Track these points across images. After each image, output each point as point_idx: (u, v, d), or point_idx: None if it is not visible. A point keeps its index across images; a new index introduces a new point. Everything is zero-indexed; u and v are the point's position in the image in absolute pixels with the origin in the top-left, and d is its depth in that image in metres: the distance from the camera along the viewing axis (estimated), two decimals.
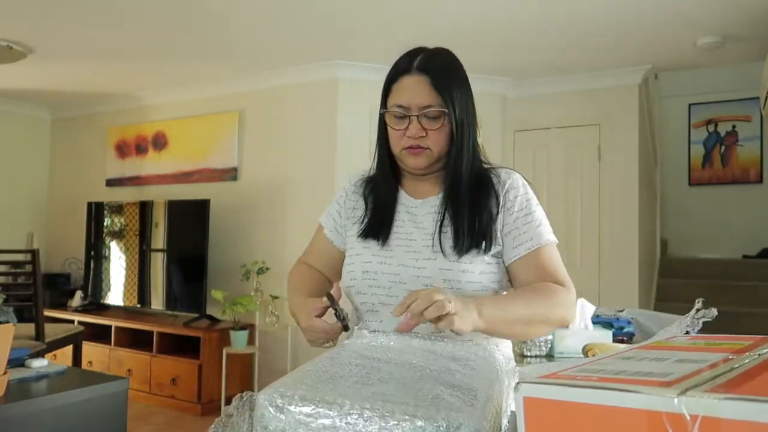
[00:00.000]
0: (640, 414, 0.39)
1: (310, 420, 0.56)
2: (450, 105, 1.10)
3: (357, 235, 1.20)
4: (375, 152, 1.24)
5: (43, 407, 1.49)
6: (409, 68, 1.13)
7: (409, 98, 1.12)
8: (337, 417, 0.56)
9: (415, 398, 0.57)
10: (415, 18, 3.29)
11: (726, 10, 3.12)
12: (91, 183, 5.52)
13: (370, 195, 1.25)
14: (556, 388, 0.43)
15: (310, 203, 4.22)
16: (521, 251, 1.12)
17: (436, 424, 0.53)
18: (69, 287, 5.30)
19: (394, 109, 1.13)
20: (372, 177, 1.27)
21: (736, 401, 0.36)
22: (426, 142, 1.12)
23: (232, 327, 4.02)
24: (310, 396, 0.58)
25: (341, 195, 1.31)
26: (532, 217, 1.14)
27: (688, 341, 0.61)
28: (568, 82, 4.32)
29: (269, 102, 4.52)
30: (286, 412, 0.57)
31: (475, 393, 0.63)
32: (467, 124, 1.14)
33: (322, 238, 1.32)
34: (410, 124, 1.12)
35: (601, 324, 2.12)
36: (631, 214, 4.14)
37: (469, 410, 0.57)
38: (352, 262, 1.19)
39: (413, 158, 1.14)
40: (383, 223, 1.18)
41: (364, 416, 0.55)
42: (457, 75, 1.15)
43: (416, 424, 0.54)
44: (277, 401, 0.58)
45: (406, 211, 1.20)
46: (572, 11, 3.17)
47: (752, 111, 5.93)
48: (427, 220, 1.16)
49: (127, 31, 3.62)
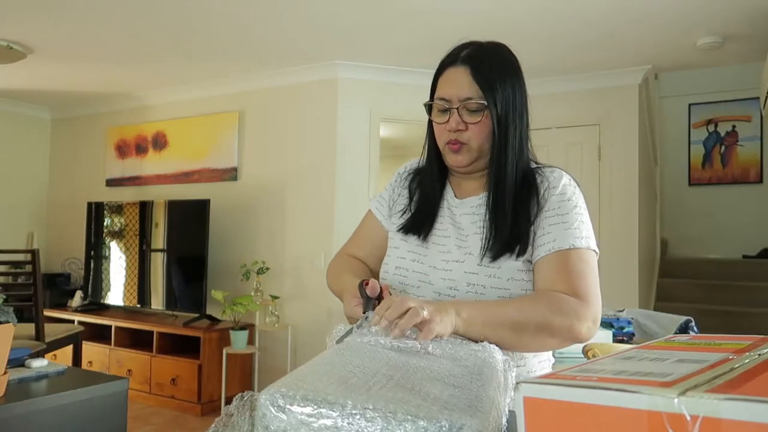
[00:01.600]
0: (640, 414, 0.39)
1: (311, 420, 0.56)
2: (491, 98, 1.05)
3: (397, 228, 1.18)
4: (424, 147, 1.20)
5: (43, 407, 1.49)
6: (454, 60, 1.09)
7: (450, 90, 1.08)
8: (339, 417, 0.56)
9: (417, 399, 0.57)
10: (415, 18, 3.29)
11: (726, 10, 3.12)
12: (91, 183, 5.53)
13: (417, 189, 1.21)
14: (556, 388, 0.43)
15: (310, 203, 4.22)
16: (541, 252, 1.04)
17: (439, 424, 0.53)
18: (69, 287, 5.31)
19: (437, 101, 1.10)
20: (421, 170, 1.23)
21: (736, 401, 0.36)
22: (465, 137, 1.08)
23: (232, 327, 4.02)
24: (312, 396, 0.58)
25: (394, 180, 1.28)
26: (564, 219, 1.05)
27: (688, 341, 0.61)
28: (568, 82, 4.32)
29: (269, 102, 4.53)
30: (287, 412, 0.57)
31: (477, 393, 0.63)
32: (512, 120, 1.08)
33: (370, 221, 1.27)
34: (450, 117, 1.08)
35: (601, 324, 2.12)
36: (631, 214, 4.14)
37: (471, 411, 0.57)
38: (388, 255, 1.18)
39: (453, 155, 1.10)
40: (425, 220, 1.15)
41: (367, 416, 0.55)
42: (503, 68, 1.09)
43: (419, 424, 0.54)
44: (279, 401, 0.58)
45: (447, 207, 1.16)
46: (572, 11, 3.17)
47: (752, 111, 5.93)
48: (465, 221, 1.12)
49: (128, 31, 3.62)
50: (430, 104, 1.13)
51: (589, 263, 1.03)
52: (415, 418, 0.54)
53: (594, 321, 0.99)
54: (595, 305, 0.99)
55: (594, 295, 1.00)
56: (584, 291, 0.99)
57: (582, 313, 0.97)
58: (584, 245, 1.03)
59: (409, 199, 1.21)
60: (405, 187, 1.24)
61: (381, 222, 1.25)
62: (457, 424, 0.54)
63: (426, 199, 1.17)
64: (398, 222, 1.19)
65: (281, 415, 0.57)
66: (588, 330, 0.98)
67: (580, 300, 0.98)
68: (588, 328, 0.98)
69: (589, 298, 0.99)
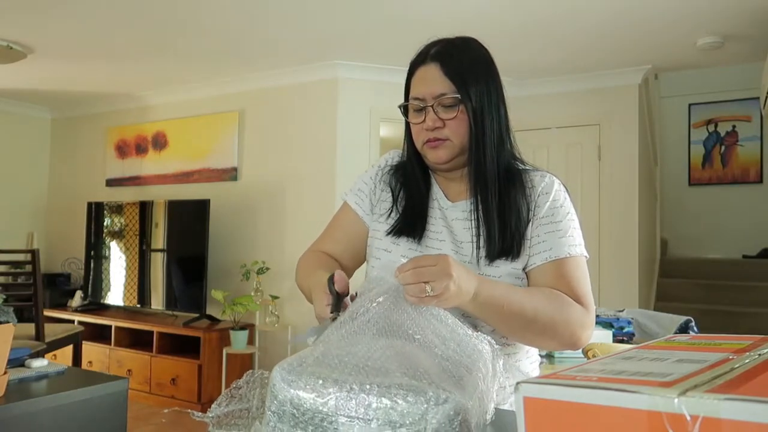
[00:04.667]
0: (640, 414, 0.39)
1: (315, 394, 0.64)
2: (464, 91, 1.03)
3: (387, 231, 1.13)
4: (403, 150, 1.18)
5: (43, 407, 1.49)
6: (423, 59, 1.08)
7: (423, 88, 1.06)
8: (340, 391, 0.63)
9: (407, 377, 0.64)
10: (415, 18, 3.29)
11: (726, 10, 3.12)
12: (91, 183, 5.52)
13: (401, 188, 1.16)
14: (556, 388, 0.43)
15: (310, 203, 4.22)
16: (537, 261, 1.04)
17: (426, 396, 0.61)
18: (69, 287, 5.30)
19: (412, 102, 1.08)
20: (402, 166, 1.18)
21: (736, 401, 0.36)
22: (444, 133, 1.06)
23: (232, 327, 4.02)
24: (318, 371, 0.65)
25: (374, 174, 1.21)
26: (558, 226, 1.05)
27: (689, 341, 0.61)
28: (568, 82, 4.32)
29: (269, 102, 4.53)
30: (294, 384, 0.64)
31: (463, 374, 0.68)
32: (488, 112, 1.06)
33: (347, 215, 1.20)
34: (426, 116, 1.06)
35: (601, 324, 2.13)
36: (631, 214, 4.14)
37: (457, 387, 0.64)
38: (378, 257, 1.13)
39: (434, 152, 1.07)
40: (417, 221, 1.11)
41: (365, 390, 0.62)
42: (474, 61, 1.07)
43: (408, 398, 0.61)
44: (288, 376, 0.65)
45: (439, 209, 1.13)
46: (572, 11, 3.17)
47: (752, 111, 5.93)
48: (458, 225, 1.10)
49: (128, 31, 3.62)
50: (405, 105, 1.11)
51: (584, 270, 1.06)
52: (406, 391, 0.61)
53: (592, 328, 1.03)
54: (593, 313, 1.02)
55: (592, 302, 1.03)
56: (585, 299, 1.01)
57: (586, 322, 1.00)
58: (578, 252, 1.05)
59: (393, 199, 1.16)
60: (387, 183, 1.19)
61: (362, 217, 1.19)
62: (443, 396, 0.61)
63: (414, 199, 1.14)
64: (386, 223, 1.14)
65: (288, 387, 0.64)
66: (587, 338, 1.02)
67: (583, 307, 1.00)
68: (587, 336, 1.01)
69: (588, 305, 1.01)
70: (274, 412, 0.65)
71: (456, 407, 0.61)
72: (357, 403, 0.61)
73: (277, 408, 0.65)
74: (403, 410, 0.60)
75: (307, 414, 0.63)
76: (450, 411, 0.60)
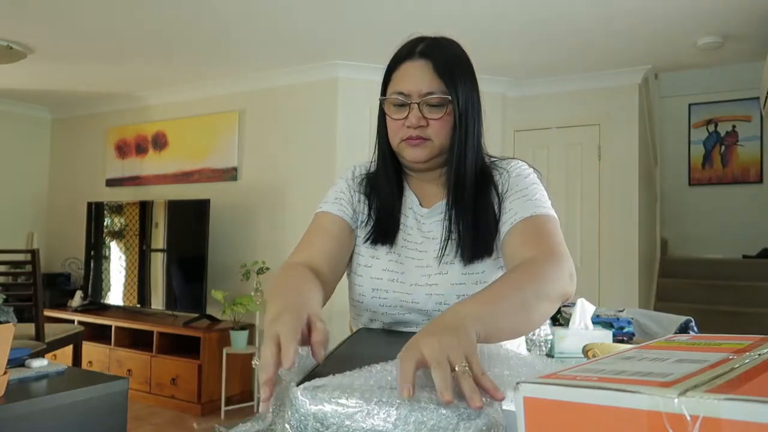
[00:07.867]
0: (640, 414, 0.39)
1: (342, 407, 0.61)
2: (454, 93, 1.01)
3: (364, 239, 1.10)
4: (375, 149, 1.13)
5: (43, 407, 1.49)
6: (411, 54, 1.05)
7: (410, 84, 1.02)
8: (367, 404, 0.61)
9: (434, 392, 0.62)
10: (415, 18, 3.29)
11: (726, 10, 3.12)
12: (91, 183, 5.53)
13: (374, 196, 1.13)
14: (556, 388, 0.43)
15: (310, 203, 4.20)
16: (506, 228, 1.01)
17: (458, 412, 0.59)
18: (69, 287, 5.30)
19: (394, 96, 1.04)
20: (374, 174, 1.15)
21: (736, 401, 0.36)
22: (427, 133, 1.03)
23: (232, 327, 4.02)
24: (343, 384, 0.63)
25: (345, 186, 1.15)
26: (523, 193, 1.03)
27: (688, 341, 0.61)
28: (568, 82, 4.32)
29: (269, 102, 4.53)
30: (317, 399, 0.61)
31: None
32: (472, 115, 1.04)
33: (333, 222, 1.10)
34: (410, 113, 1.02)
35: (601, 324, 2.12)
36: (631, 214, 4.14)
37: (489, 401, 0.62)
38: (360, 274, 1.09)
39: (412, 150, 1.04)
40: (389, 227, 1.09)
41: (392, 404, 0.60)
42: (462, 63, 1.06)
43: (440, 411, 0.59)
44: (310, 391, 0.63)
45: (414, 217, 1.11)
46: (572, 11, 3.17)
47: (752, 111, 5.93)
48: (436, 229, 1.08)
49: (128, 32, 3.62)
50: (383, 100, 1.08)
51: (554, 225, 1.00)
52: (437, 405, 0.59)
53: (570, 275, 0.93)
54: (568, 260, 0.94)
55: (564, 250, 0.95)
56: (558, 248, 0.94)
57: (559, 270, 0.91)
58: (546, 212, 1.01)
59: (368, 208, 1.12)
60: (361, 193, 1.14)
61: (349, 223, 1.11)
62: (475, 411, 0.59)
63: (385, 205, 1.11)
64: (363, 230, 1.11)
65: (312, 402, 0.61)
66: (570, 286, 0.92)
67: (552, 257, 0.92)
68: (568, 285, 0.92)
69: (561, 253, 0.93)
70: (295, 426, 0.62)
71: (488, 422, 0.59)
72: (385, 417, 0.59)
73: (297, 422, 0.62)
74: (434, 424, 0.58)
75: (331, 428, 0.60)
76: (482, 426, 0.58)
